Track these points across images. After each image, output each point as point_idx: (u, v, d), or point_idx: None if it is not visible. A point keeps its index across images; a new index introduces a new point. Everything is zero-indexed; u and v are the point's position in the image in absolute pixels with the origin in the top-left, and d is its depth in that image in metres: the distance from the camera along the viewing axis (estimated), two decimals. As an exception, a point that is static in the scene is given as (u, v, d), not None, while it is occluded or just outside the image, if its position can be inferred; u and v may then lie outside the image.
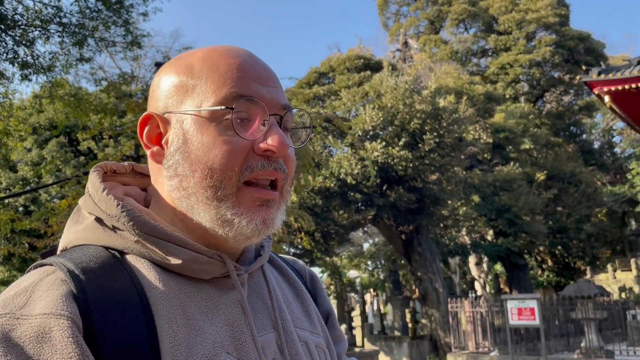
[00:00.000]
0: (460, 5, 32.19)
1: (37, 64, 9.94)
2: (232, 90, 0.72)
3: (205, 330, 0.69)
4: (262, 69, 0.77)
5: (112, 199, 0.72)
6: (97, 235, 0.73)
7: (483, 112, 23.64)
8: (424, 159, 17.09)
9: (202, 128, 0.72)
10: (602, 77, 13.36)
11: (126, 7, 10.33)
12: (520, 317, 11.66)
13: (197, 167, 0.71)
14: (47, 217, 10.70)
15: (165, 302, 0.67)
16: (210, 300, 0.73)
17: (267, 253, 0.85)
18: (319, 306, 0.95)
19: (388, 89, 18.12)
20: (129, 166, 0.85)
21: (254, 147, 0.72)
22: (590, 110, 30.58)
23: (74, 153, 20.96)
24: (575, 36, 29.50)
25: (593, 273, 27.33)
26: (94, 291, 0.63)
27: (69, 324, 0.59)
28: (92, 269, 0.66)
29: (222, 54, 0.76)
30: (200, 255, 0.72)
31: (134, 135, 11.36)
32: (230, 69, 0.74)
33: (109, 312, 0.62)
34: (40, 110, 19.56)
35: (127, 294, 0.65)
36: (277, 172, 0.73)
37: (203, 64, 0.75)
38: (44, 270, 0.66)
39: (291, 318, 0.82)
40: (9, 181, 20.53)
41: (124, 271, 0.68)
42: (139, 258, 0.71)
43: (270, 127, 0.73)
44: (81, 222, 0.76)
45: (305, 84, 24.40)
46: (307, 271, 1.01)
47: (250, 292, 0.79)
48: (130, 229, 0.71)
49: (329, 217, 17.22)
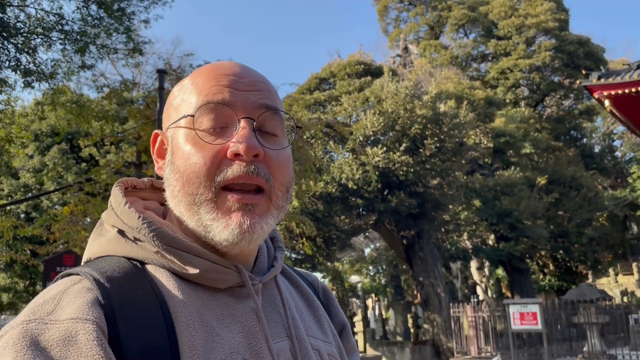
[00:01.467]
0: (460, 10, 32.29)
1: (39, 71, 9.98)
2: (203, 99, 0.75)
3: (222, 337, 0.71)
4: (240, 76, 0.78)
5: (134, 211, 0.76)
6: (119, 247, 0.76)
7: (483, 117, 23.68)
8: (425, 163, 17.10)
9: (184, 139, 0.76)
10: (602, 81, 13.39)
11: (128, 15, 10.37)
12: (522, 322, 11.63)
13: (179, 176, 0.75)
14: (49, 224, 10.71)
15: (184, 310, 0.70)
16: (226, 308, 0.75)
17: (280, 264, 0.87)
18: (333, 317, 0.97)
19: (389, 94, 18.16)
20: (148, 182, 0.88)
21: (228, 152, 0.73)
22: (590, 114, 30.61)
23: (76, 160, 20.99)
24: (575, 41, 29.57)
25: (595, 277, 27.27)
26: (118, 298, 0.66)
27: (95, 328, 0.61)
28: (116, 278, 0.69)
29: (206, 68, 0.80)
30: (217, 265, 0.75)
31: (135, 142, 11.39)
32: (207, 80, 0.77)
33: (132, 318, 0.66)
34: (42, 117, 19.62)
35: (149, 302, 0.68)
36: (253, 176, 0.73)
37: (190, 80, 0.80)
38: (71, 280, 0.69)
39: (304, 327, 0.84)
40: (10, 188, 20.56)
41: (145, 280, 0.72)
42: (159, 268, 0.74)
43: (239, 130, 0.74)
44: (104, 234, 0.79)
45: (306, 89, 24.46)
46: (320, 284, 1.02)
47: (264, 302, 0.81)
48: (150, 240, 0.74)
49: (331, 222, 17.23)
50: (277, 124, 0.79)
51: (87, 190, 10.62)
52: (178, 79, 9.85)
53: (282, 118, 0.80)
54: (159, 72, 8.28)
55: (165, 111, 0.84)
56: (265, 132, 0.77)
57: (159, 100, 7.96)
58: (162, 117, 0.85)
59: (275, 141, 0.78)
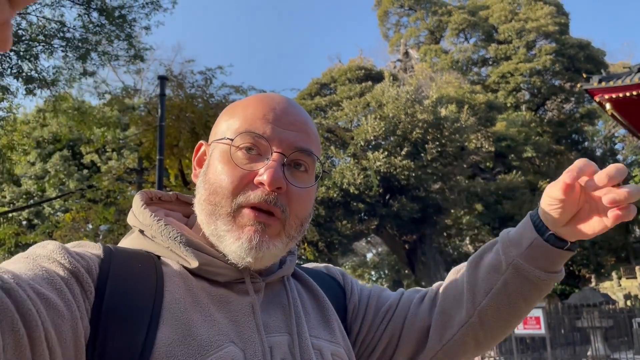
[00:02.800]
0: (460, 15, 32.38)
1: (41, 78, 10.02)
2: (244, 127, 0.83)
3: (214, 318, 0.77)
4: (285, 114, 0.85)
5: (148, 211, 0.85)
6: (139, 242, 0.86)
7: (484, 121, 23.69)
8: (426, 168, 17.10)
9: (220, 156, 0.84)
10: (602, 84, 13.38)
11: (129, 22, 10.42)
12: (525, 327, 11.57)
13: (208, 186, 0.83)
14: (51, 231, 10.73)
15: (177, 287, 0.78)
16: (224, 297, 0.81)
17: (289, 267, 0.93)
18: (353, 297, 1.03)
19: (389, 99, 18.19)
20: (173, 195, 0.96)
21: (254, 179, 0.80)
22: (591, 117, 30.61)
23: (78, 166, 21.02)
24: (575, 44, 29.62)
25: (598, 281, 27.17)
26: (117, 263, 0.77)
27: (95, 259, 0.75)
28: (124, 251, 0.81)
29: (258, 99, 0.88)
30: (216, 259, 0.82)
31: (136, 148, 11.41)
32: (256, 111, 0.85)
33: (122, 279, 0.75)
34: (44, 124, 19.68)
35: (144, 273, 0.77)
36: (270, 205, 0.79)
37: (240, 106, 0.88)
38: (90, 242, 0.82)
39: (308, 327, 0.88)
40: (12, 195, 20.59)
41: (152, 263, 0.81)
42: (170, 261, 0.83)
43: (270, 163, 0.80)
44: (130, 234, 0.90)
45: (307, 94, 24.51)
46: (337, 271, 1.10)
47: (268, 300, 0.87)
48: (159, 235, 0.82)
49: (332, 227, 17.22)
50: (309, 163, 0.85)
51: (89, 197, 10.64)
52: (179, 86, 9.89)
53: (313, 159, 0.86)
54: (160, 78, 8.31)
55: (214, 126, 0.91)
56: (295, 168, 0.84)
57: (160, 106, 7.97)
58: (211, 130, 0.93)
59: (302, 178, 0.84)
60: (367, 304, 1.03)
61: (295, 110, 0.87)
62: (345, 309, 1.01)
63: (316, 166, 0.88)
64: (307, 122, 0.87)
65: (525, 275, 0.90)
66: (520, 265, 0.89)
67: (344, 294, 1.03)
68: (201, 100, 9.89)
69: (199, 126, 9.08)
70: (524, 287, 0.91)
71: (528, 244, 0.89)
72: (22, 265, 0.68)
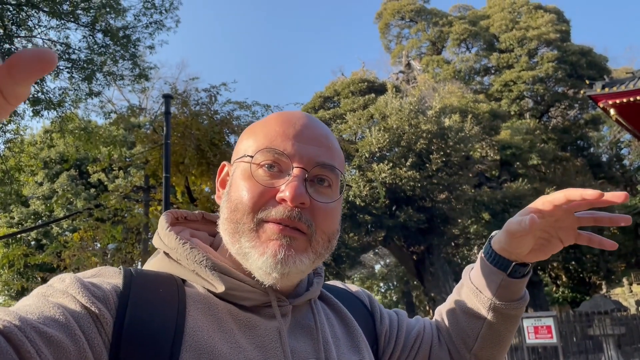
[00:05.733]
0: (461, 25, 32.52)
1: (48, 99, 10.12)
2: (264, 144, 0.81)
3: (241, 345, 0.75)
4: (306, 128, 0.84)
5: (173, 234, 0.83)
6: (164, 265, 0.84)
7: (489, 130, 23.68)
8: (431, 178, 17.09)
9: (241, 174, 0.83)
10: (606, 90, 13.39)
11: (133, 42, 10.54)
12: (537, 336, 11.46)
13: (229, 205, 0.82)
14: (59, 251, 10.77)
15: (203, 313, 0.76)
16: (250, 323, 0.79)
17: (316, 289, 0.91)
18: (383, 320, 1.04)
19: (393, 110, 18.24)
20: (199, 214, 0.95)
21: (277, 195, 0.79)
22: (596, 123, 30.52)
23: (85, 186, 21.15)
24: (577, 51, 29.64)
25: (609, 287, 26.92)
26: (137, 288, 0.75)
27: (112, 288, 0.73)
28: (146, 275, 0.80)
29: (277, 117, 0.87)
30: (243, 284, 0.80)
31: (143, 166, 11.48)
32: (276, 127, 0.83)
33: (143, 305, 0.73)
34: (50, 144, 19.84)
35: (167, 299, 0.76)
36: (295, 220, 0.77)
37: (260, 125, 0.87)
38: (114, 267, 0.81)
39: (337, 352, 0.86)
40: (21, 216, 20.71)
41: (175, 287, 0.79)
42: (196, 284, 0.81)
43: (291, 178, 0.78)
44: (155, 256, 0.88)
45: (311, 108, 24.62)
46: (365, 294, 1.08)
47: (295, 324, 0.85)
48: (184, 259, 0.81)
49: (340, 239, 17.06)
50: (332, 178, 0.83)
51: (97, 216, 10.68)
52: (184, 103, 9.96)
53: (337, 173, 0.84)
54: (165, 97, 8.38)
55: (236, 145, 0.90)
56: (319, 184, 0.82)
57: (166, 124, 8.03)
58: (234, 150, 0.92)
59: (326, 193, 0.82)
60: (397, 328, 1.05)
61: (316, 125, 0.86)
62: (374, 334, 1.01)
63: (339, 180, 0.85)
64: (328, 136, 0.86)
65: (505, 313, 0.98)
66: (498, 306, 0.97)
67: (373, 319, 1.02)
68: (206, 117, 9.95)
69: (205, 143, 9.12)
70: (506, 322, 1.00)
71: (497, 285, 0.96)
72: (33, 302, 0.67)
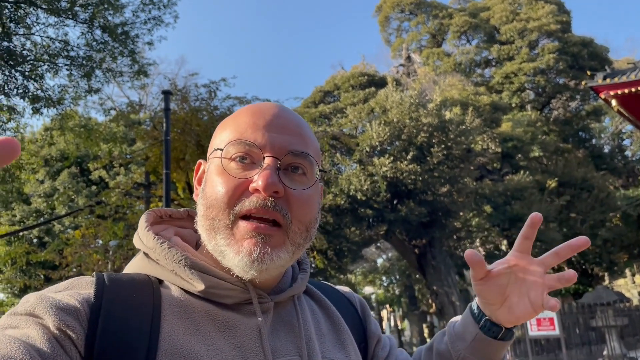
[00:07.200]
0: (461, 17, 32.39)
1: (47, 97, 10.10)
2: (235, 137, 0.80)
3: (218, 346, 0.74)
4: (277, 118, 0.82)
5: (151, 234, 0.82)
6: (143, 266, 0.83)
7: (490, 122, 23.62)
8: (433, 171, 17.06)
9: (215, 170, 0.81)
10: (607, 81, 13.34)
11: (132, 38, 10.51)
12: (539, 328, 11.48)
13: (205, 202, 0.80)
14: (61, 249, 10.78)
15: (179, 316, 0.75)
16: (230, 322, 0.77)
17: (300, 285, 0.89)
18: (371, 331, 1.01)
19: (393, 104, 18.19)
20: (184, 212, 0.93)
21: (250, 186, 0.77)
22: (598, 114, 30.43)
23: (86, 183, 21.17)
24: (578, 42, 29.52)
25: (611, 278, 26.93)
26: (110, 297, 0.73)
27: (83, 300, 0.71)
28: (120, 281, 0.77)
29: (248, 109, 0.85)
30: (223, 282, 0.79)
31: (143, 163, 11.47)
32: (245, 119, 0.82)
33: (115, 315, 0.71)
34: (51, 142, 19.84)
35: (140, 306, 0.74)
36: (270, 210, 0.76)
37: (232, 118, 0.85)
38: (86, 277, 0.79)
39: (321, 348, 0.86)
40: (22, 214, 20.74)
41: (150, 291, 0.77)
42: (173, 285, 0.80)
43: (263, 168, 0.77)
44: (136, 256, 0.87)
45: (311, 103, 24.57)
46: (357, 299, 1.06)
47: (277, 320, 0.83)
48: (163, 259, 0.79)
49: (341, 234, 17.18)
50: (306, 165, 0.81)
51: (98, 213, 10.69)
52: (183, 99, 9.94)
53: (310, 160, 0.82)
54: (164, 93, 8.35)
55: (210, 141, 0.89)
56: (293, 172, 0.80)
57: (165, 120, 8.02)
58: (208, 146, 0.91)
59: (301, 181, 0.80)
60: (388, 353, 1.03)
61: (287, 114, 0.84)
62: (362, 334, 0.99)
63: (315, 169, 0.83)
64: (300, 124, 0.84)
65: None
66: (467, 359, 0.95)
67: (361, 319, 1.01)
68: (206, 112, 9.94)
69: (205, 139, 9.11)
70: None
71: (472, 337, 0.94)
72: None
